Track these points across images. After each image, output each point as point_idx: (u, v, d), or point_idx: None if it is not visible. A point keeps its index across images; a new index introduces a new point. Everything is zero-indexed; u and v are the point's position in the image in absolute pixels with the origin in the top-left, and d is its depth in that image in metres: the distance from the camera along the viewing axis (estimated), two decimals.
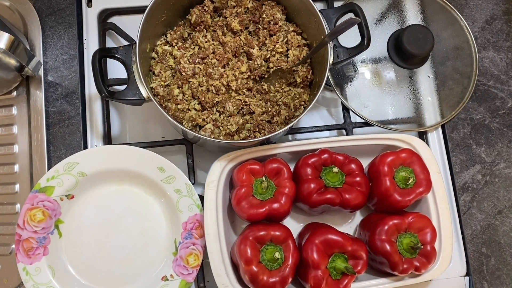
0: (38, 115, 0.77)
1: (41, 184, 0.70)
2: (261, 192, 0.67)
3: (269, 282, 0.63)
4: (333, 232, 0.66)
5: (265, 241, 0.65)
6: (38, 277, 0.69)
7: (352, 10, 0.69)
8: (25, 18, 0.79)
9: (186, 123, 0.70)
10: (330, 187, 0.68)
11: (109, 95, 0.64)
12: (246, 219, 0.67)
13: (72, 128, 0.77)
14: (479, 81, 0.85)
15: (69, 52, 0.80)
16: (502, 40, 0.88)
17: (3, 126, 0.78)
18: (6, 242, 0.76)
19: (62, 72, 0.79)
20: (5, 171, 0.77)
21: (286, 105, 0.72)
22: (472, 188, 0.81)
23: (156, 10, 0.68)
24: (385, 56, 0.80)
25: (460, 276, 0.77)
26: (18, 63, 0.73)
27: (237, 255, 0.65)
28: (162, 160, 0.71)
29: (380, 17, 0.83)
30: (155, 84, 0.71)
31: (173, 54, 0.73)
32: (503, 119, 0.84)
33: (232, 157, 0.69)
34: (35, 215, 0.69)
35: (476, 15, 0.88)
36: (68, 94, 0.78)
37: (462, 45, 0.83)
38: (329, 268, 0.64)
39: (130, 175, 0.72)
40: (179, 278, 0.71)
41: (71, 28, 0.80)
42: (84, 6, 0.82)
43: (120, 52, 0.66)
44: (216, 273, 0.66)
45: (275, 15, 0.73)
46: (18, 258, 0.69)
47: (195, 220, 0.71)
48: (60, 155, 0.76)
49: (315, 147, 0.72)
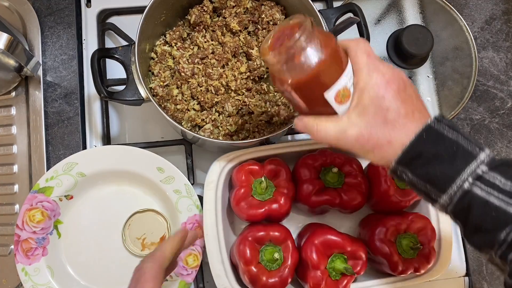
0: (37, 115, 0.77)
1: (40, 185, 0.70)
2: (260, 192, 0.67)
3: (269, 282, 0.63)
4: (333, 232, 0.66)
5: (264, 241, 0.65)
6: (37, 277, 0.69)
7: (352, 10, 0.69)
8: (24, 18, 0.79)
9: (185, 123, 0.70)
10: (330, 187, 0.68)
11: (108, 96, 0.64)
12: (246, 219, 0.67)
13: (71, 129, 0.77)
14: (479, 81, 0.85)
15: (68, 52, 0.80)
16: (501, 40, 0.87)
17: (2, 127, 0.78)
18: (5, 242, 0.76)
19: (61, 72, 0.79)
20: (4, 172, 0.77)
21: (285, 105, 0.71)
22: None
23: (155, 10, 0.68)
24: (384, 56, 0.80)
25: (459, 276, 0.77)
26: (17, 64, 0.73)
27: (236, 256, 0.64)
28: (161, 160, 0.71)
29: (380, 17, 0.83)
30: (154, 84, 0.71)
31: (172, 54, 0.73)
32: (503, 119, 0.84)
33: (231, 157, 0.69)
34: (34, 215, 0.69)
35: (476, 15, 0.88)
36: (67, 94, 0.78)
37: (461, 45, 0.83)
38: (328, 268, 0.64)
39: (129, 176, 0.72)
40: (178, 278, 0.71)
41: (70, 28, 0.80)
42: (83, 6, 0.82)
43: (119, 53, 0.66)
44: (215, 273, 0.66)
45: (274, 15, 0.73)
46: (17, 259, 0.69)
47: (194, 220, 0.71)
48: (59, 156, 0.76)
49: (314, 147, 0.72)
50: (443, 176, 0.44)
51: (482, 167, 0.43)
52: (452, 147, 0.44)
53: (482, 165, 0.43)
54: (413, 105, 0.47)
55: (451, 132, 0.45)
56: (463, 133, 0.45)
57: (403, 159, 0.45)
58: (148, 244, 0.73)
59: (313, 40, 0.47)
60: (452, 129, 0.45)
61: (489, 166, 0.43)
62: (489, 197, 0.42)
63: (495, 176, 0.43)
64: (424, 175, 0.45)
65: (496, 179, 0.43)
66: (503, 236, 0.41)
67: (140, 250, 0.72)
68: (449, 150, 0.44)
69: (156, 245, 0.72)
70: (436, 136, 0.45)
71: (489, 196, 0.42)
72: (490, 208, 0.42)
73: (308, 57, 0.47)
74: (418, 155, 0.45)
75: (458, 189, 0.43)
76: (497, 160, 0.44)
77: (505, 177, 0.43)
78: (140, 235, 0.73)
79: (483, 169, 0.43)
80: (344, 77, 0.48)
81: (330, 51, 0.47)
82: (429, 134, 0.45)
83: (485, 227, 0.43)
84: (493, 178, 0.43)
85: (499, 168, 0.43)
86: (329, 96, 0.48)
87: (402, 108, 0.46)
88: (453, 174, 0.43)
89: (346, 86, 0.48)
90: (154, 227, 0.73)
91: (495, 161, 0.44)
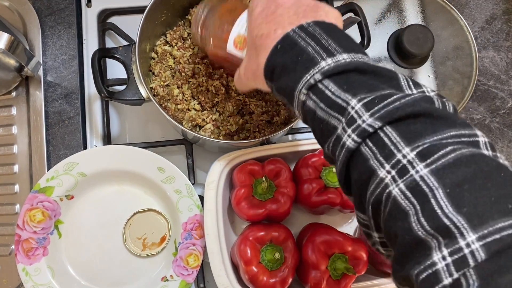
0: (38, 115, 0.77)
1: (41, 185, 0.70)
2: (261, 192, 0.67)
3: (269, 282, 0.63)
4: (333, 232, 0.66)
5: (265, 241, 0.65)
6: (38, 277, 0.69)
7: (352, 10, 0.69)
8: (24, 18, 0.79)
9: (186, 123, 0.70)
10: (330, 187, 0.68)
11: (108, 95, 0.64)
12: (246, 219, 0.67)
13: (72, 129, 0.77)
14: (479, 81, 0.85)
15: (69, 52, 0.80)
16: (502, 39, 0.87)
17: (2, 127, 0.78)
18: (6, 242, 0.76)
19: (61, 72, 0.79)
20: (5, 172, 0.77)
21: (286, 105, 0.71)
22: None
23: (156, 10, 0.68)
24: (385, 56, 0.80)
25: None
26: (18, 63, 0.73)
27: (237, 256, 0.64)
28: (162, 160, 0.71)
29: (380, 17, 0.83)
30: (155, 84, 0.71)
31: (173, 54, 0.72)
32: (503, 119, 0.84)
33: (232, 157, 0.69)
34: (34, 215, 0.69)
35: (476, 15, 0.88)
36: (68, 94, 0.78)
37: (462, 45, 0.82)
38: (329, 268, 0.64)
39: (130, 176, 0.72)
40: (179, 278, 0.71)
41: (70, 28, 0.80)
42: (84, 6, 0.82)
43: (120, 52, 0.66)
44: (216, 273, 0.66)
45: None
46: (17, 259, 0.69)
47: (195, 220, 0.71)
48: (60, 156, 0.76)
49: (315, 147, 0.72)
50: (288, 88, 0.43)
51: (317, 75, 0.40)
52: (297, 56, 0.41)
53: (317, 74, 0.40)
54: (278, 23, 0.44)
55: (305, 40, 0.42)
56: (322, 38, 0.41)
57: (266, 75, 0.46)
58: (148, 244, 0.73)
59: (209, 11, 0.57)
60: (309, 35, 0.42)
61: (325, 74, 0.40)
62: (316, 109, 0.41)
63: (328, 85, 0.39)
64: (278, 89, 0.45)
65: (326, 89, 0.39)
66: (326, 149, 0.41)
67: (140, 250, 0.72)
68: (294, 59, 0.42)
69: (156, 245, 0.73)
70: (290, 46, 0.42)
71: (316, 107, 0.41)
72: (318, 120, 0.41)
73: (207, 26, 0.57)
74: (272, 69, 0.44)
75: (298, 100, 0.42)
76: (341, 66, 0.40)
77: (337, 85, 0.39)
78: (140, 235, 0.73)
79: (316, 77, 0.40)
80: (236, 27, 0.52)
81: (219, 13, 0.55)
82: (284, 45, 0.43)
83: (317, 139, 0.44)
84: (324, 87, 0.40)
85: (340, 76, 0.39)
86: (229, 47, 0.53)
87: (265, 29, 0.45)
88: (293, 84, 0.42)
89: (239, 33, 0.52)
90: (154, 227, 0.73)
91: (339, 67, 0.40)
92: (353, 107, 0.38)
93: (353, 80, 0.39)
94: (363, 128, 0.37)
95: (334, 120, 0.39)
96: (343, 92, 0.39)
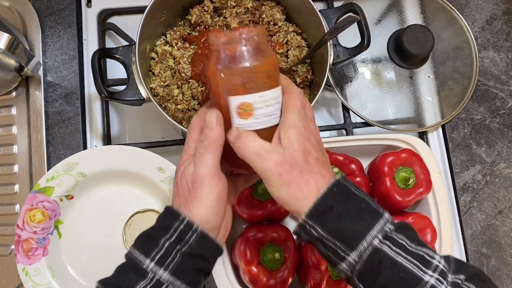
0: (38, 115, 0.77)
1: (41, 185, 0.70)
2: (261, 193, 0.67)
3: (269, 282, 0.63)
4: None
5: (265, 241, 0.65)
6: (38, 277, 0.69)
7: (352, 10, 0.69)
8: (24, 18, 0.79)
9: (186, 123, 0.70)
10: None
11: (108, 96, 0.64)
12: (246, 219, 0.67)
13: (72, 129, 0.77)
14: (479, 81, 0.85)
15: (69, 52, 0.80)
16: (502, 40, 0.87)
17: (2, 127, 0.78)
18: (6, 242, 0.76)
19: (61, 72, 0.79)
20: (5, 172, 0.77)
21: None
22: (473, 188, 0.81)
23: (156, 10, 0.68)
24: (385, 56, 0.80)
25: None
26: (18, 63, 0.73)
27: (237, 256, 0.64)
28: (162, 160, 0.71)
29: (380, 17, 0.83)
30: (155, 84, 0.71)
31: (173, 54, 0.72)
32: (504, 119, 0.84)
33: None
34: (34, 215, 0.69)
35: (476, 15, 0.88)
36: (68, 94, 0.78)
37: (462, 45, 0.83)
38: (329, 268, 0.64)
39: (130, 176, 0.72)
40: None
41: (70, 28, 0.80)
42: (84, 6, 0.82)
43: (120, 52, 0.66)
44: (216, 273, 0.66)
45: (274, 15, 0.73)
46: (17, 259, 0.69)
47: None
48: (60, 156, 0.76)
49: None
50: (353, 232, 0.43)
51: (389, 225, 0.44)
52: (361, 204, 0.45)
53: (388, 223, 0.44)
54: (326, 160, 0.48)
55: (358, 190, 0.46)
56: (365, 193, 0.46)
57: (314, 212, 0.44)
58: None
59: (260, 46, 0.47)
60: (356, 188, 0.46)
61: (394, 226, 0.44)
62: (397, 258, 0.42)
63: (400, 237, 0.43)
64: (334, 231, 0.44)
65: (402, 240, 0.43)
66: None
67: None
68: (358, 206, 0.44)
69: None
70: (346, 192, 0.45)
71: (397, 256, 0.42)
72: (399, 269, 0.42)
73: (247, 54, 0.46)
74: (329, 209, 0.44)
75: (368, 245, 0.43)
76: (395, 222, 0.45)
77: (409, 239, 0.43)
78: None
79: (390, 227, 0.44)
80: (260, 97, 0.46)
81: (267, 63, 0.47)
82: (339, 189, 0.45)
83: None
84: (399, 239, 0.43)
85: (401, 230, 0.44)
86: (233, 101, 0.46)
87: (320, 157, 0.47)
88: (363, 230, 0.43)
89: (253, 104, 0.46)
90: None
91: (394, 222, 0.45)
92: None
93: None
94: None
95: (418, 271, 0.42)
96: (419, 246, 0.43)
